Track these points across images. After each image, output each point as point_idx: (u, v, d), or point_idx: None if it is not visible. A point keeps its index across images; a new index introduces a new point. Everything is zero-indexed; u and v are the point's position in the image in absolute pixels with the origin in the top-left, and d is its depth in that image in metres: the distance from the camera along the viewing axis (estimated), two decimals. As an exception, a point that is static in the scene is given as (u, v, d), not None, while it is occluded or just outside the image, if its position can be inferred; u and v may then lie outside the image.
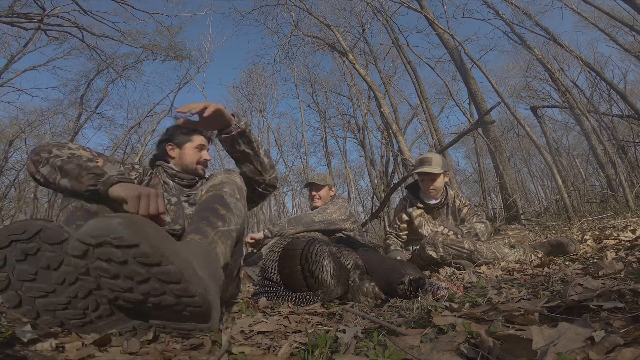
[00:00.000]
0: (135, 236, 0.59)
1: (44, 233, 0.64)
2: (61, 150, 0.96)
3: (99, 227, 0.59)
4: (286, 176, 16.77)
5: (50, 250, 0.65)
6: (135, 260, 0.59)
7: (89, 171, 0.89)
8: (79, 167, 0.90)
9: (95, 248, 0.59)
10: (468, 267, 1.79)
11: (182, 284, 0.62)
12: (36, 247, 0.65)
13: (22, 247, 0.64)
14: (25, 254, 0.65)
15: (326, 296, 1.20)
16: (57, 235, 0.65)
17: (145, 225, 0.62)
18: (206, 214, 0.92)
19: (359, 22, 10.65)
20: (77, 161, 0.92)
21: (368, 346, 0.63)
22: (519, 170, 17.82)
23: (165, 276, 0.61)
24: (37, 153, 0.95)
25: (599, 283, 0.83)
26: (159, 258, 0.60)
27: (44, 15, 7.84)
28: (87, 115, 12.23)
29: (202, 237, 0.84)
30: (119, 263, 0.60)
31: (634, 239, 1.93)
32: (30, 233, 0.64)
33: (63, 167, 0.90)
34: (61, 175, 0.90)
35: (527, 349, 0.49)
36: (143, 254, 0.59)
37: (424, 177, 2.22)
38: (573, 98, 7.51)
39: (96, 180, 0.88)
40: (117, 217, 0.60)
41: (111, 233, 0.58)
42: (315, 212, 2.41)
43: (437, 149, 7.74)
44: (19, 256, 0.65)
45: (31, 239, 0.64)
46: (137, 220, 0.61)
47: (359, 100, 14.02)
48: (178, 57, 11.16)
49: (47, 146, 0.97)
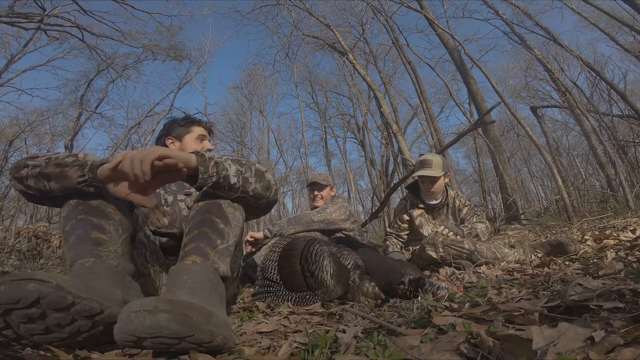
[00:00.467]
0: (189, 329, 0.60)
1: (44, 300, 0.60)
2: (36, 160, 0.91)
3: (150, 326, 0.59)
4: (286, 176, 16.78)
5: (58, 314, 0.63)
6: (188, 342, 0.62)
7: (72, 165, 0.86)
8: (58, 165, 0.87)
9: (150, 339, 0.60)
10: (468, 267, 1.79)
11: (213, 344, 0.64)
12: (40, 312, 0.61)
13: (23, 313, 0.61)
14: (29, 317, 0.61)
15: (326, 296, 1.20)
16: (61, 301, 0.61)
17: (190, 314, 0.62)
18: (205, 229, 0.91)
19: (359, 22, 10.66)
20: (54, 161, 0.88)
21: (368, 346, 0.63)
22: (519, 170, 17.82)
23: (207, 346, 0.64)
24: (17, 171, 0.91)
25: (599, 283, 0.83)
26: (210, 337, 0.62)
27: (44, 15, 7.84)
28: (87, 115, 12.25)
29: (203, 259, 0.84)
30: (171, 344, 0.61)
31: (634, 239, 1.93)
32: (27, 301, 0.59)
33: (44, 172, 0.87)
34: (46, 180, 0.87)
35: (527, 349, 0.49)
36: (197, 340, 0.61)
37: (424, 179, 2.22)
38: (573, 98, 7.51)
39: (82, 170, 0.85)
40: (163, 311, 0.59)
41: (165, 330, 0.59)
42: (315, 211, 2.42)
43: (437, 149, 7.75)
44: (22, 319, 0.61)
45: (31, 306, 0.60)
46: (182, 311, 0.61)
47: (359, 100, 14.03)
48: (178, 57, 11.17)
49: (22, 162, 0.92)
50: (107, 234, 0.87)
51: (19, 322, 0.62)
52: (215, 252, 0.88)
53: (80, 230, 0.86)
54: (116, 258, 0.84)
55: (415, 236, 2.37)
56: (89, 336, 0.67)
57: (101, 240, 0.85)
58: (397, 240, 2.42)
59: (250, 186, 0.98)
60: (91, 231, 0.85)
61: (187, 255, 0.85)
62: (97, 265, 0.79)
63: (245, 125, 17.38)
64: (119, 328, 0.61)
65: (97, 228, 0.87)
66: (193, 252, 0.86)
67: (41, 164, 0.89)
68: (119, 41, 9.46)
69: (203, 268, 0.82)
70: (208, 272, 0.82)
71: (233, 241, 0.95)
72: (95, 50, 9.76)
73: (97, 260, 0.80)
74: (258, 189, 1.00)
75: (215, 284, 0.82)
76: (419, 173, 2.19)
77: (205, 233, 0.90)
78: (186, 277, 0.78)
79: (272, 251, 1.45)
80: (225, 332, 0.66)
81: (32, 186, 0.89)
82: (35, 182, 0.89)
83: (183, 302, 0.63)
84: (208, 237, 0.89)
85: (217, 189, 0.94)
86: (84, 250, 0.82)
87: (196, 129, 1.45)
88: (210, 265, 0.84)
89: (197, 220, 0.94)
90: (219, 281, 0.84)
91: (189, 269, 0.81)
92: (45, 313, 0.62)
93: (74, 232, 0.86)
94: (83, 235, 0.85)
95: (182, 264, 0.83)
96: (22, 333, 0.63)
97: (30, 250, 3.95)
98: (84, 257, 0.80)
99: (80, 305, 0.63)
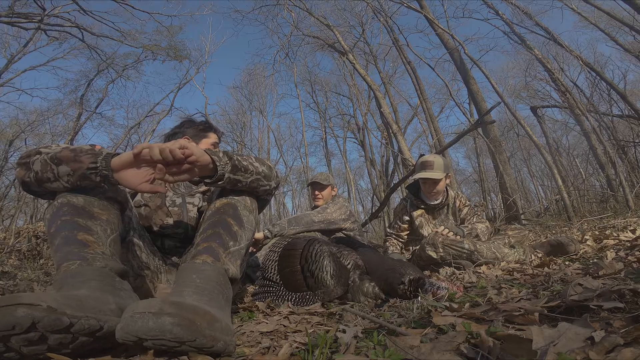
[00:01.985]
0: (191, 334, 0.60)
1: (40, 324, 0.59)
2: (50, 148, 0.91)
3: (153, 329, 0.59)
4: (286, 176, 16.77)
5: (58, 335, 0.62)
6: (189, 346, 0.62)
7: (86, 152, 0.86)
8: (73, 151, 0.87)
9: (151, 340, 0.60)
10: (468, 267, 1.79)
11: (213, 349, 0.64)
12: (39, 335, 0.60)
13: (22, 338, 0.59)
14: (29, 341, 0.60)
15: (326, 296, 1.20)
16: (58, 323, 0.60)
17: (194, 318, 0.62)
18: (219, 229, 0.91)
19: (359, 22, 10.66)
20: (70, 148, 0.88)
21: (368, 346, 0.63)
22: (519, 170, 17.82)
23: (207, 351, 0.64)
24: (27, 156, 0.90)
25: (599, 283, 0.83)
26: (212, 342, 0.63)
27: (44, 15, 7.85)
28: (87, 115, 12.26)
29: (214, 259, 0.85)
30: (171, 346, 0.61)
31: (634, 239, 1.93)
32: (22, 327, 0.58)
33: (56, 156, 0.86)
34: (56, 163, 0.86)
35: (527, 349, 0.49)
36: (198, 345, 0.62)
37: (426, 181, 2.22)
38: (573, 98, 7.51)
39: (95, 157, 0.85)
40: (167, 314, 0.59)
41: (168, 333, 0.59)
42: (315, 212, 2.41)
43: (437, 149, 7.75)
44: (22, 343, 0.60)
45: (28, 331, 0.59)
46: (186, 315, 0.61)
47: (359, 100, 14.03)
48: (178, 57, 11.17)
49: (34, 149, 0.92)
50: (93, 234, 0.85)
51: (19, 345, 0.60)
52: (226, 253, 0.88)
53: (66, 231, 0.84)
54: (103, 259, 0.82)
55: (416, 236, 2.37)
56: (92, 348, 0.68)
57: (88, 242, 0.83)
58: (397, 241, 2.42)
59: (259, 168, 1.04)
60: (77, 232, 0.84)
61: (198, 254, 0.85)
62: (83, 269, 0.77)
63: (245, 125, 17.40)
64: (121, 327, 0.61)
65: (83, 229, 0.85)
66: (205, 251, 0.86)
67: (56, 149, 0.89)
68: (119, 41, 9.48)
69: (213, 269, 0.83)
70: (217, 274, 0.82)
71: (245, 244, 0.95)
72: (95, 50, 9.78)
73: (83, 262, 0.78)
74: (265, 170, 1.06)
75: (223, 286, 0.82)
76: (421, 175, 2.19)
77: (219, 234, 0.90)
78: (195, 277, 0.79)
79: (272, 251, 1.45)
80: (226, 338, 0.66)
81: (36, 170, 0.87)
82: (41, 166, 0.87)
83: (188, 306, 0.63)
84: (221, 237, 0.90)
85: (236, 173, 0.96)
86: (69, 252, 0.80)
87: (212, 136, 1.50)
88: (221, 267, 0.85)
89: (212, 220, 0.94)
90: (227, 282, 0.84)
91: (199, 268, 0.82)
92: (44, 335, 0.61)
93: (59, 234, 0.84)
94: (69, 236, 0.83)
95: (192, 262, 0.83)
96: (26, 353, 0.62)
97: (30, 250, 3.95)
98: (69, 259, 0.79)
99: (79, 325, 0.63)
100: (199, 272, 0.80)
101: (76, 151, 0.87)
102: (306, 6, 8.80)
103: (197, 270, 0.81)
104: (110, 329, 0.67)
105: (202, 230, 0.93)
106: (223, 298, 0.80)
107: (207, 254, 0.85)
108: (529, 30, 8.39)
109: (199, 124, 1.52)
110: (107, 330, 0.67)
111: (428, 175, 2.15)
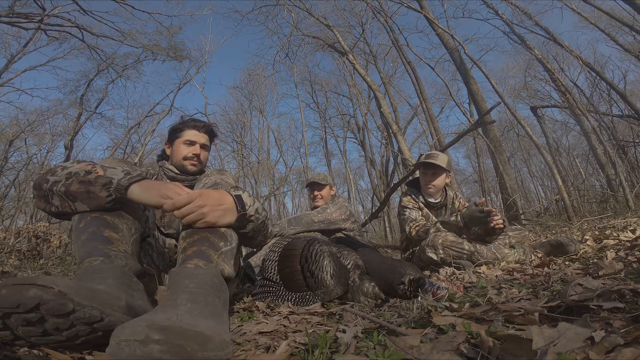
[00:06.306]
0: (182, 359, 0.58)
1: (44, 306, 0.60)
2: (57, 175, 0.92)
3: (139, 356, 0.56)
4: (286, 176, 16.77)
5: (57, 319, 0.63)
6: None
7: (95, 182, 0.88)
8: (83, 184, 0.89)
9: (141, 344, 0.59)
10: (468, 267, 1.79)
11: None
12: (39, 316, 0.61)
13: (22, 317, 0.61)
14: (28, 321, 0.61)
15: (326, 296, 1.20)
16: (61, 308, 0.61)
17: (185, 344, 0.59)
18: (205, 233, 0.89)
19: (359, 22, 10.65)
20: (76, 179, 0.90)
21: (368, 346, 0.63)
22: (519, 170, 17.83)
23: None
24: (39, 188, 0.93)
25: (599, 283, 0.83)
26: None
27: (44, 15, 7.84)
28: (87, 115, 12.24)
29: (206, 262, 0.83)
30: None
31: (634, 239, 1.93)
32: (26, 307, 0.60)
33: (69, 192, 0.89)
34: (72, 199, 0.89)
35: (527, 349, 0.49)
36: None
37: (426, 169, 2.20)
38: (573, 98, 7.51)
39: (108, 190, 0.88)
40: (155, 342, 0.56)
41: None
42: (315, 212, 2.41)
43: (437, 149, 7.74)
44: (21, 322, 0.61)
45: (30, 311, 0.60)
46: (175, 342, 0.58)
47: (358, 100, 14.04)
48: (178, 57, 11.17)
49: (43, 177, 0.94)
50: (119, 232, 0.88)
51: (17, 324, 0.62)
52: (219, 254, 0.87)
53: (94, 227, 0.87)
54: (124, 258, 0.84)
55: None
56: (86, 340, 0.67)
57: (113, 239, 0.86)
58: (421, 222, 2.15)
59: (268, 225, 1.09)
60: (104, 229, 0.86)
61: (188, 259, 0.83)
62: (104, 265, 0.79)
63: (245, 125, 17.42)
64: (109, 353, 0.59)
65: (110, 226, 0.88)
66: (195, 255, 0.84)
67: (62, 179, 0.91)
68: (119, 41, 9.47)
69: (206, 272, 0.80)
70: (212, 276, 0.80)
71: (236, 243, 0.94)
72: (95, 50, 9.78)
73: (105, 259, 0.81)
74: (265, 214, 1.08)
75: (219, 288, 0.80)
76: (424, 159, 2.19)
77: (206, 237, 0.88)
78: (188, 282, 0.76)
79: (272, 251, 1.44)
80: (220, 353, 0.63)
81: (58, 205, 0.91)
82: (60, 202, 0.91)
83: (176, 330, 0.59)
84: (209, 240, 0.88)
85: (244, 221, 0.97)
86: (94, 248, 0.83)
87: (187, 133, 1.41)
88: (215, 268, 0.83)
89: None
90: (222, 284, 0.83)
91: (192, 273, 0.79)
92: (44, 317, 0.62)
93: (87, 230, 0.87)
94: (96, 232, 0.86)
95: (183, 267, 0.81)
96: (20, 334, 0.63)
97: (30, 250, 3.95)
98: (92, 255, 0.81)
99: (80, 313, 0.63)
100: (192, 276, 0.78)
101: (85, 184, 0.89)
102: (306, 6, 8.81)
103: (190, 275, 0.78)
104: (111, 323, 0.66)
105: (186, 234, 0.89)
106: (220, 301, 0.77)
107: (198, 258, 0.83)
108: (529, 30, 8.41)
109: (177, 123, 1.46)
110: (107, 324, 0.66)
111: (432, 161, 2.15)
